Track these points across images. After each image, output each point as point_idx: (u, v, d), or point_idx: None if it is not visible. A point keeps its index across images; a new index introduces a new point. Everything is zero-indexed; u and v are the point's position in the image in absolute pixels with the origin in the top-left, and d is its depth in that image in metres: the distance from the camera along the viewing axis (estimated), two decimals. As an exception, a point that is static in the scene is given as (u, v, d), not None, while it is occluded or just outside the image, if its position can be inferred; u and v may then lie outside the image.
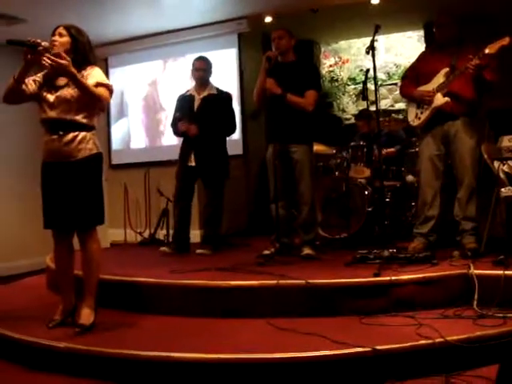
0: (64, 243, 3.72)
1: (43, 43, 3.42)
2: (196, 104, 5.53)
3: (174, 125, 5.65)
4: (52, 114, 3.54)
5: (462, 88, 4.39)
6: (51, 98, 3.55)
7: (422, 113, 4.59)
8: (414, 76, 4.73)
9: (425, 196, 4.60)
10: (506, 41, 4.05)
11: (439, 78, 4.46)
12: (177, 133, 5.70)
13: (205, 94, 5.55)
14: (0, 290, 5.29)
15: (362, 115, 6.50)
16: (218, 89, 5.68)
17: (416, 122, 4.66)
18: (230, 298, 3.76)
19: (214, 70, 5.72)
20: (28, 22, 6.66)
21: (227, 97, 5.66)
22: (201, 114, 5.46)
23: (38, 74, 3.67)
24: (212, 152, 5.45)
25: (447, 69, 4.42)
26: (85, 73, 3.57)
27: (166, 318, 3.77)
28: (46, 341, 3.34)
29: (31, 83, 3.62)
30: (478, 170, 4.50)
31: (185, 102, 5.65)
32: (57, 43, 3.53)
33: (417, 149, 5.29)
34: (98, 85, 3.54)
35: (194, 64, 5.65)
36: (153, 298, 4.00)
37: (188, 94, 5.71)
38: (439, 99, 4.42)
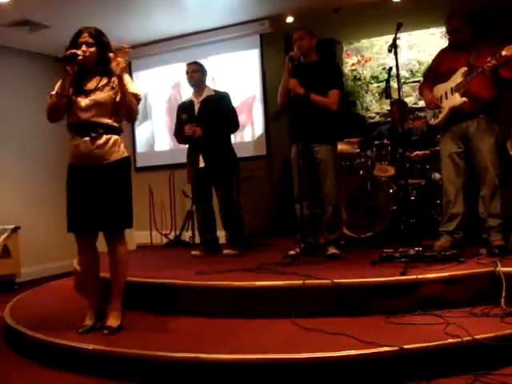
0: (87, 246, 3.71)
1: (79, 52, 3.48)
2: (196, 108, 5.56)
3: (177, 133, 5.70)
4: (84, 116, 3.52)
5: (480, 88, 4.35)
6: (83, 101, 3.53)
7: (439, 112, 4.57)
8: (432, 76, 4.72)
9: (448, 194, 4.58)
10: None
11: (457, 77, 4.42)
12: (181, 139, 5.72)
13: (203, 96, 5.57)
14: (29, 293, 5.36)
15: (396, 101, 6.42)
16: (215, 90, 5.73)
17: (434, 121, 4.65)
18: (256, 299, 3.76)
19: (232, 72, 5.71)
20: (51, 28, 6.73)
21: (225, 95, 5.66)
22: (202, 116, 5.48)
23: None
24: (218, 151, 5.47)
25: (465, 68, 4.38)
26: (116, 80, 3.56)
27: (192, 319, 3.78)
28: (74, 343, 3.38)
29: None
30: (502, 166, 4.46)
31: (185, 108, 5.67)
32: (87, 54, 3.52)
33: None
34: (131, 95, 3.55)
35: (186, 70, 5.65)
36: (179, 300, 4.01)
37: (188, 100, 5.74)
38: (457, 99, 4.40)
